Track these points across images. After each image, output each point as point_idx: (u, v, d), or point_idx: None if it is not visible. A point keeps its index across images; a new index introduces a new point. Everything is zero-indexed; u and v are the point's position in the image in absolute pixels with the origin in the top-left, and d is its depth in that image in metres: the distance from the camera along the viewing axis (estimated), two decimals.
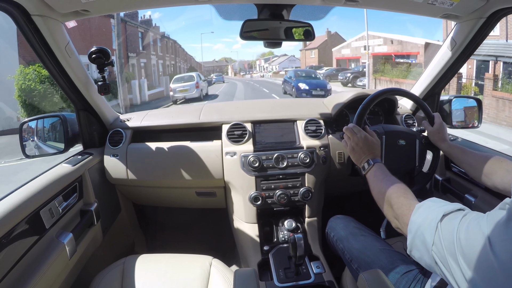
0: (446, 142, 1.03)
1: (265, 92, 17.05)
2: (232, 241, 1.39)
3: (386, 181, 0.76)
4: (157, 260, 1.04)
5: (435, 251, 0.50)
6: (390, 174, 0.80)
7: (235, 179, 1.26)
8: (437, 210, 0.54)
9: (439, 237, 0.50)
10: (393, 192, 0.70)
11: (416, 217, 0.58)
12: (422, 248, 0.54)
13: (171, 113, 1.47)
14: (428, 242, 0.52)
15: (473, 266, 0.44)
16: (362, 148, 0.90)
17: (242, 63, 76.97)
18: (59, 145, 1.19)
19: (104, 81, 1.09)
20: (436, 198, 0.60)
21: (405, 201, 0.65)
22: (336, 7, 1.03)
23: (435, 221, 0.52)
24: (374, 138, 0.93)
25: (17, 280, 0.76)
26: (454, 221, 0.50)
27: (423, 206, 0.59)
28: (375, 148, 0.91)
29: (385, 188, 0.73)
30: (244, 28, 0.98)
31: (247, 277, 0.77)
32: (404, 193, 0.68)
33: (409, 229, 0.58)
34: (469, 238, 0.45)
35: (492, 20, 1.00)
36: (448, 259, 0.48)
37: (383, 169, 0.83)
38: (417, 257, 0.56)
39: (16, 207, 0.77)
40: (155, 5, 1.03)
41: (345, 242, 0.98)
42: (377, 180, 0.80)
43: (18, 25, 0.86)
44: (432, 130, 1.06)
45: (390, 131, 1.10)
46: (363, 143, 0.91)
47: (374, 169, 0.84)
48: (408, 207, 0.63)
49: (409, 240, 0.57)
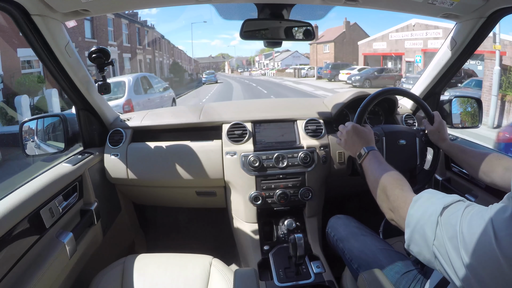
0: (446, 141, 1.03)
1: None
2: (232, 241, 1.39)
3: (381, 170, 0.75)
4: (157, 260, 1.04)
5: (437, 246, 0.49)
6: (385, 163, 0.79)
7: (235, 178, 1.26)
8: (436, 203, 0.52)
9: (441, 231, 0.49)
10: (388, 182, 0.69)
11: (414, 210, 0.56)
12: (421, 242, 0.52)
13: (171, 113, 1.47)
14: (429, 236, 0.50)
15: (477, 260, 0.43)
16: (352, 138, 0.91)
17: (240, 60, 73.22)
18: (59, 145, 1.19)
19: (104, 80, 1.09)
20: (433, 190, 0.58)
21: (401, 193, 0.64)
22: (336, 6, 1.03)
23: (435, 214, 0.50)
24: (366, 128, 0.94)
25: (17, 280, 0.76)
26: (455, 214, 0.48)
27: (421, 199, 0.57)
28: (366, 135, 0.91)
29: (380, 177, 0.72)
30: (244, 27, 0.98)
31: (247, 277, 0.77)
32: (400, 184, 0.67)
33: (407, 223, 0.56)
34: (472, 232, 0.44)
35: (492, 20, 1.00)
36: (450, 253, 0.46)
37: (378, 156, 0.83)
38: (415, 251, 0.55)
39: (16, 206, 0.77)
40: (155, 5, 1.02)
41: (345, 241, 0.98)
42: (372, 168, 0.79)
43: (18, 25, 0.86)
44: (432, 129, 1.06)
45: (389, 132, 1.10)
46: (353, 132, 0.91)
47: (369, 157, 0.84)
48: (404, 200, 0.61)
49: (407, 235, 0.56)
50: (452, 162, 1.27)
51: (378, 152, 0.85)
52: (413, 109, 1.50)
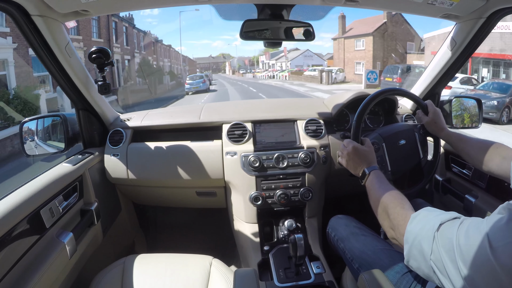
0: (445, 130, 1.03)
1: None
2: (232, 241, 1.39)
3: (383, 189, 0.76)
4: (157, 260, 1.04)
5: (434, 260, 0.51)
6: (386, 182, 0.81)
7: (235, 179, 1.26)
8: (433, 220, 0.54)
9: (437, 246, 0.50)
10: (389, 201, 0.71)
11: (412, 227, 0.58)
12: (419, 257, 0.54)
13: (172, 113, 1.47)
14: (426, 251, 0.52)
15: (474, 270, 0.43)
16: (353, 159, 0.92)
17: (241, 60, 67.86)
18: (60, 145, 1.19)
19: (104, 81, 1.10)
20: (431, 207, 0.60)
21: (401, 211, 0.65)
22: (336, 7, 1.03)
23: (432, 230, 0.52)
24: (366, 146, 0.94)
25: (17, 280, 0.76)
26: (452, 229, 0.50)
27: (418, 216, 0.59)
28: (367, 156, 0.91)
29: (381, 197, 0.73)
30: (244, 28, 0.98)
31: (247, 277, 0.78)
32: (400, 203, 0.68)
33: (405, 239, 0.58)
34: (469, 244, 0.45)
35: (492, 20, 1.00)
36: (447, 266, 0.47)
37: (379, 176, 0.84)
38: (414, 267, 0.56)
39: (17, 206, 0.77)
40: (155, 5, 1.03)
41: (346, 241, 0.98)
42: (374, 189, 0.81)
43: (18, 25, 0.86)
44: (428, 120, 1.06)
45: (387, 136, 1.09)
46: (353, 154, 0.92)
47: (370, 178, 0.85)
48: (404, 217, 0.63)
49: (406, 251, 0.58)
50: (452, 162, 1.27)
51: (379, 171, 0.86)
52: (413, 109, 1.50)
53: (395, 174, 1.06)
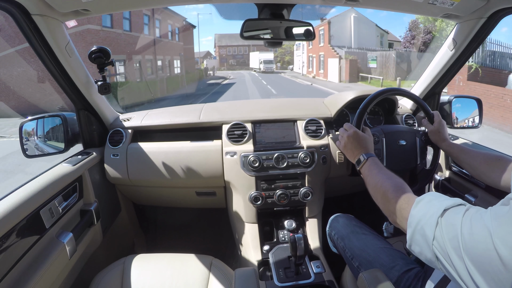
0: (446, 141, 1.04)
1: None
2: (232, 241, 1.39)
3: (382, 175, 0.76)
4: (157, 260, 1.04)
5: (436, 246, 0.50)
6: (384, 168, 0.80)
7: (235, 179, 1.26)
8: (437, 205, 0.53)
9: (441, 232, 0.50)
10: (389, 186, 0.70)
11: (416, 211, 0.57)
12: (422, 242, 0.53)
13: (172, 113, 1.47)
14: (429, 236, 0.51)
15: (477, 261, 0.44)
16: (353, 143, 0.92)
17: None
18: (59, 145, 1.19)
19: (104, 81, 1.09)
20: (435, 193, 0.60)
21: (403, 195, 0.65)
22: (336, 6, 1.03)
23: (436, 215, 0.51)
24: (366, 134, 0.94)
25: (17, 280, 0.76)
26: (456, 216, 0.49)
27: (423, 200, 0.58)
28: (366, 142, 0.92)
29: (380, 182, 0.73)
30: (244, 27, 0.98)
31: (247, 277, 0.77)
32: (401, 187, 0.68)
33: (408, 223, 0.57)
34: (472, 233, 0.45)
35: (493, 20, 1.00)
36: (450, 254, 0.47)
37: (377, 163, 0.84)
38: (416, 251, 0.55)
39: (16, 207, 0.77)
40: (155, 5, 1.02)
41: (346, 240, 0.98)
42: (372, 174, 0.80)
43: (18, 25, 0.86)
44: (432, 129, 1.07)
45: (389, 133, 1.10)
46: (353, 138, 0.92)
47: (368, 164, 0.85)
48: (407, 201, 0.62)
49: (408, 235, 0.57)
50: (452, 162, 1.27)
51: (377, 158, 0.86)
52: (413, 109, 1.50)
53: None
